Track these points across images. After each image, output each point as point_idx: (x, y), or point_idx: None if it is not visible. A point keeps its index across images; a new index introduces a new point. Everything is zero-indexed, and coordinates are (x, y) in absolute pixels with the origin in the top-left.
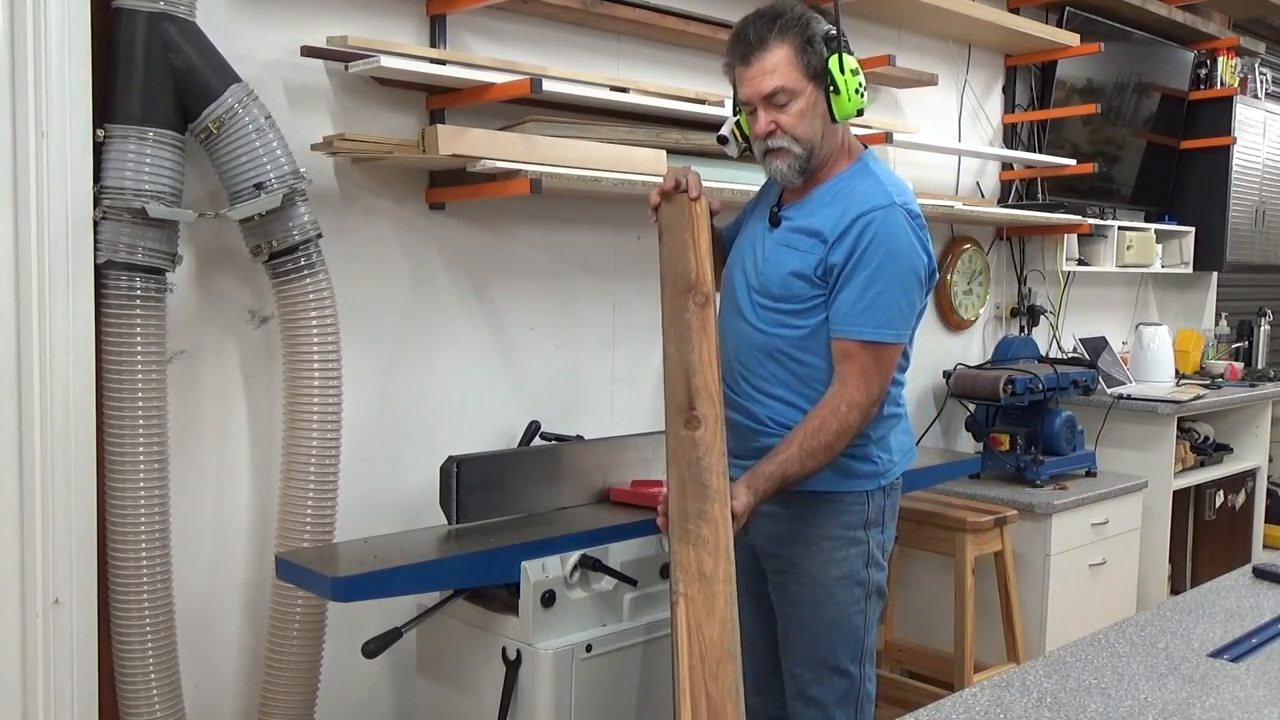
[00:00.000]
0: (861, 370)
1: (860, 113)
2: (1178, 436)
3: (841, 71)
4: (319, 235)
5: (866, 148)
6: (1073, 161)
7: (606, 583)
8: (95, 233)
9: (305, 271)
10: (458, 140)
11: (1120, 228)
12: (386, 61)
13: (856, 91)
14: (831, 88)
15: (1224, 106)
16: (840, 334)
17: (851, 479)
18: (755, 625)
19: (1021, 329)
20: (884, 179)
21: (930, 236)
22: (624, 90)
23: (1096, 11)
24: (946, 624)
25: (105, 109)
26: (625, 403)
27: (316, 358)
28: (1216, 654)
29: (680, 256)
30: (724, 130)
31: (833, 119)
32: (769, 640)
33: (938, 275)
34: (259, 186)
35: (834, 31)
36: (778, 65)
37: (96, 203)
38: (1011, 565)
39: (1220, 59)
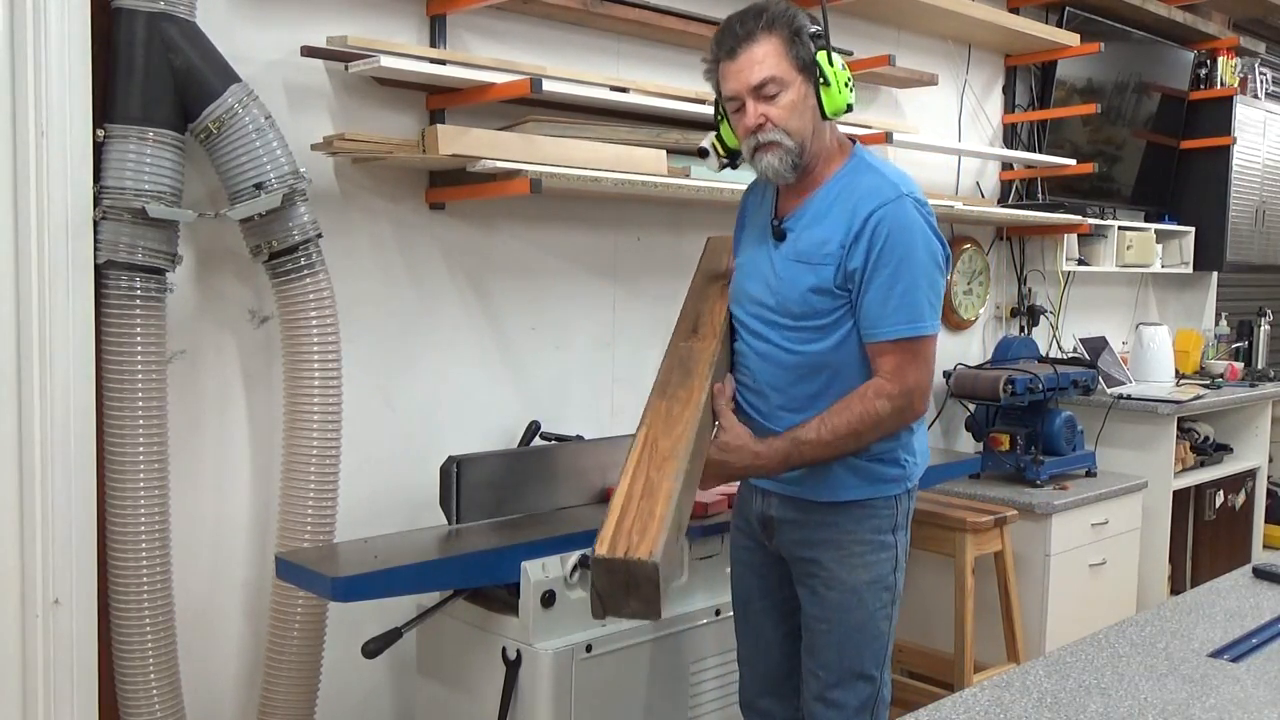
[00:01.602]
0: (895, 364)
1: (850, 108)
2: (1178, 436)
3: (830, 64)
4: (319, 235)
5: (855, 142)
6: (1073, 161)
7: None
8: (95, 233)
9: (305, 271)
10: (458, 140)
11: (1120, 228)
12: (386, 61)
13: (846, 85)
14: (821, 80)
15: (1224, 106)
16: (873, 337)
17: (881, 484)
18: (769, 629)
19: (1021, 329)
20: (885, 171)
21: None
22: (624, 90)
23: (1096, 11)
24: (946, 624)
25: (105, 109)
26: (625, 403)
27: (316, 358)
28: (1216, 654)
29: (715, 263)
30: (704, 143)
31: (823, 114)
32: (784, 644)
33: (952, 259)
34: (259, 186)
35: (819, 30)
36: (766, 56)
37: (96, 203)
38: (1011, 565)
39: (1220, 59)
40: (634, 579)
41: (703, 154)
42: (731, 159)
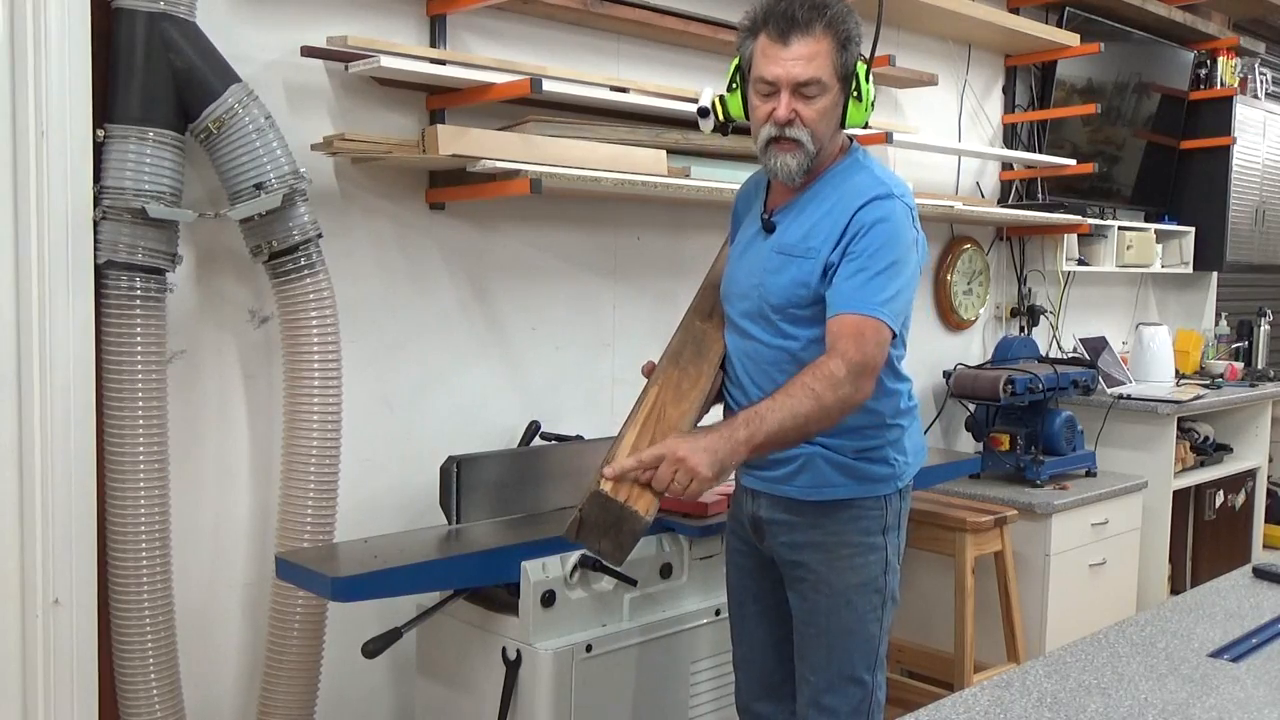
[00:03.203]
0: (854, 331)
1: (866, 125)
2: (1178, 436)
3: (866, 79)
4: (319, 235)
5: (853, 141)
6: (1073, 161)
7: (606, 583)
8: (95, 233)
9: (305, 271)
10: (458, 140)
11: (1120, 228)
12: (386, 61)
13: (871, 102)
14: (855, 93)
15: (1224, 106)
16: (834, 311)
17: (869, 484)
18: (763, 632)
19: (1021, 329)
20: (878, 172)
21: (928, 235)
22: (624, 90)
23: (1096, 11)
24: (946, 624)
25: (105, 109)
26: (625, 403)
27: (316, 358)
28: (1216, 654)
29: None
30: (704, 101)
31: (842, 124)
32: (777, 647)
33: (924, 265)
34: (259, 186)
35: (861, 38)
36: (817, 55)
37: (96, 203)
38: (1011, 565)
39: (1220, 59)
40: (621, 524)
41: (703, 114)
42: (725, 126)
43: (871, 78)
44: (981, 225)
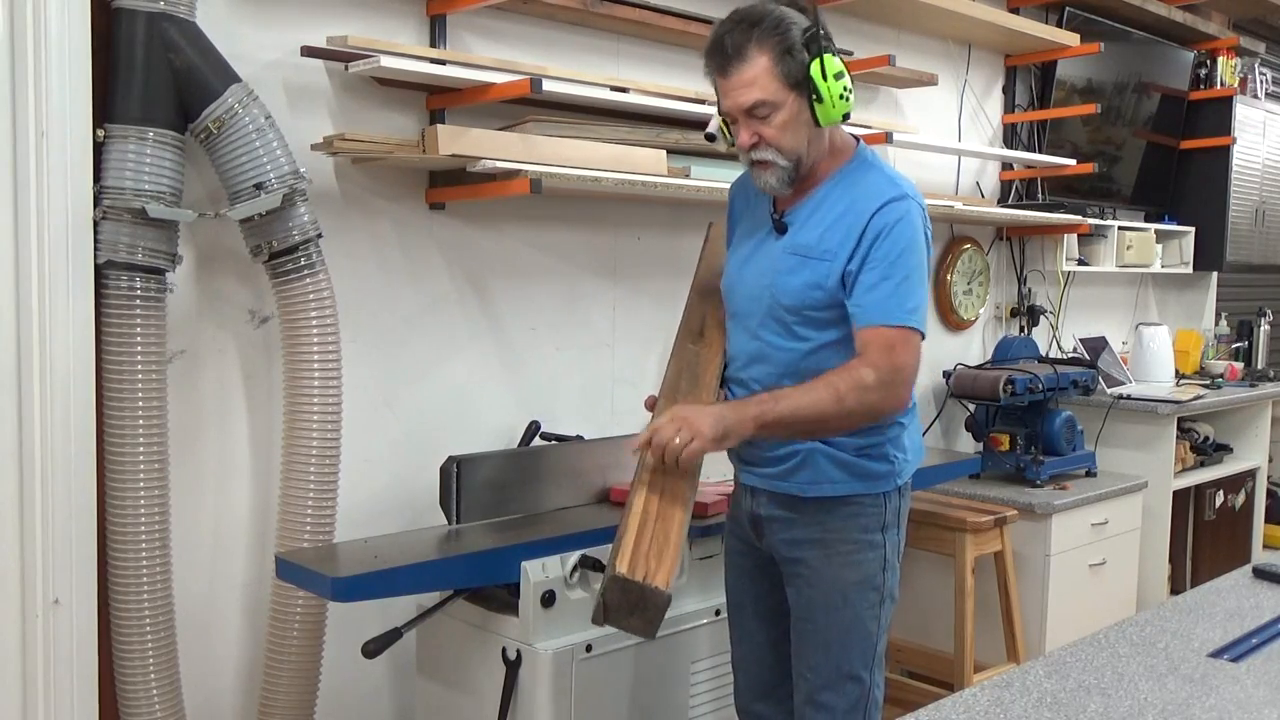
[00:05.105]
0: (885, 343)
1: (846, 117)
2: (1178, 436)
3: (824, 78)
4: (319, 235)
5: (859, 140)
6: (1073, 161)
7: None
8: (95, 233)
9: (305, 271)
10: (458, 140)
11: (1120, 228)
12: (386, 61)
13: (841, 96)
14: (814, 96)
15: (1224, 106)
16: (865, 323)
17: (868, 480)
18: (762, 633)
19: (1021, 329)
20: (889, 172)
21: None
22: (624, 90)
23: (1096, 11)
24: (946, 624)
25: (105, 109)
26: (625, 403)
27: (316, 358)
28: (1216, 654)
29: (720, 258)
30: (711, 128)
31: (817, 124)
32: (775, 647)
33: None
34: (259, 186)
35: (814, 33)
36: (756, 78)
37: (96, 203)
38: (1011, 565)
39: (1220, 59)
40: (645, 602)
41: (710, 139)
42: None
43: (831, 72)
44: (981, 225)
